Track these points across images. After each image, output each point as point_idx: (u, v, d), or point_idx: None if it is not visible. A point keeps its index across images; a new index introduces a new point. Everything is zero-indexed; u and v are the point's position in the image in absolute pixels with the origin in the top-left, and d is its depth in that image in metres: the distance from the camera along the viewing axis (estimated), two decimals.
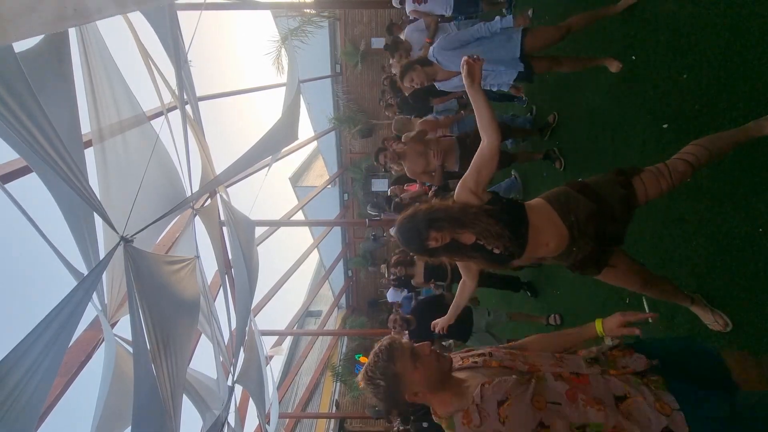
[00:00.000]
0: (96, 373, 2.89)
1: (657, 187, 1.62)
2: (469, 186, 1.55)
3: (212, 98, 6.58)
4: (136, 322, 2.20)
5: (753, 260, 1.76)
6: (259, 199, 4.83)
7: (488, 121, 1.49)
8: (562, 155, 3.59)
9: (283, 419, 9.36)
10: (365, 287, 15.66)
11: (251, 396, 4.94)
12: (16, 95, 1.44)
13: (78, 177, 1.72)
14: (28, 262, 43.55)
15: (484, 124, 1.50)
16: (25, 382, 1.62)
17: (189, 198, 3.03)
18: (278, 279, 9.23)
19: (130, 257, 2.22)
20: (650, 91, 2.46)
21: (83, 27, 2.42)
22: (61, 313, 1.68)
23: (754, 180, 1.78)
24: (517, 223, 1.56)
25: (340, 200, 14.07)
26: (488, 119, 1.49)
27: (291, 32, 9.45)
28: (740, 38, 1.88)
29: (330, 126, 12.39)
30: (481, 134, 1.52)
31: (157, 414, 2.34)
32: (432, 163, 3.60)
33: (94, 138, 2.64)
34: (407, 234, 1.58)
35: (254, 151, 2.93)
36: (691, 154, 1.64)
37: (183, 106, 2.89)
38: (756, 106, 1.77)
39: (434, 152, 3.54)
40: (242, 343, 4.27)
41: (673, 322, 2.17)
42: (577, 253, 1.62)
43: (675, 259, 2.19)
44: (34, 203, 2.29)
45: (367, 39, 10.98)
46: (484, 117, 1.49)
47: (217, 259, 4.19)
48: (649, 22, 2.51)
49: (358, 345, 13.72)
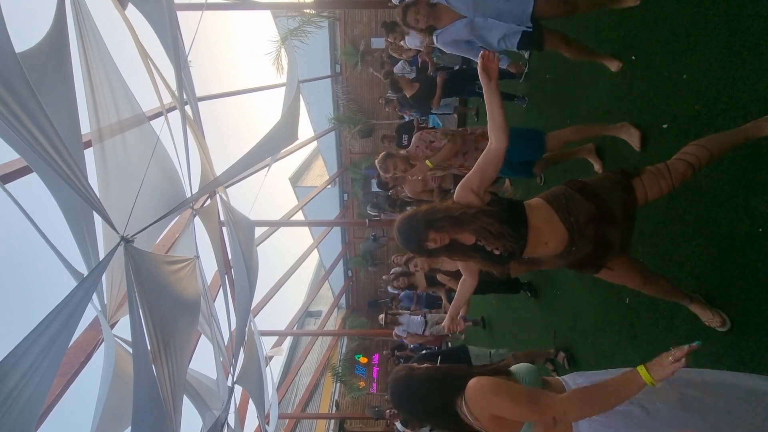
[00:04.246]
0: (96, 373, 2.89)
1: (657, 187, 1.62)
2: (471, 187, 1.54)
3: (212, 98, 6.59)
4: (136, 322, 2.20)
5: (753, 260, 1.76)
6: (259, 200, 4.84)
7: (500, 124, 1.48)
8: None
9: (283, 419, 9.36)
10: (365, 287, 15.66)
11: (251, 396, 4.94)
12: (16, 95, 1.44)
13: (78, 177, 1.72)
14: (28, 262, 43.49)
15: (495, 126, 1.49)
16: (25, 382, 1.62)
17: (189, 198, 3.03)
18: (278, 279, 9.23)
19: (131, 257, 2.22)
20: (650, 91, 2.46)
21: (83, 27, 2.42)
22: (61, 313, 1.68)
23: (754, 180, 1.78)
24: (517, 223, 1.55)
25: (340, 200, 14.07)
26: (500, 122, 1.48)
27: (291, 32, 9.45)
28: (740, 38, 1.88)
29: (330, 126, 12.39)
30: (490, 135, 1.51)
31: (157, 414, 2.34)
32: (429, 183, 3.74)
33: (93, 138, 2.64)
34: (406, 235, 1.57)
35: (254, 152, 2.93)
36: (691, 154, 1.63)
37: (183, 106, 2.89)
38: (756, 106, 1.77)
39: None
40: (242, 343, 4.27)
41: (672, 322, 2.17)
42: (576, 253, 1.62)
43: (675, 259, 2.19)
44: (34, 203, 2.29)
45: (367, 39, 10.99)
46: (497, 119, 1.48)
47: (217, 260, 4.19)
48: (649, 22, 2.51)
49: (358, 345, 13.73)
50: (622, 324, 2.64)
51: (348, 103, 12.08)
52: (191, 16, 4.98)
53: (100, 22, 2.57)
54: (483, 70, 1.46)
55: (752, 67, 1.81)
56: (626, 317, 2.60)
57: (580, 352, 3.28)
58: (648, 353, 2.36)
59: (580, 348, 3.29)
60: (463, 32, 2.67)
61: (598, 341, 2.97)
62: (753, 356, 1.71)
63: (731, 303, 1.84)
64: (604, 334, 2.87)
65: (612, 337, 2.75)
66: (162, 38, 2.68)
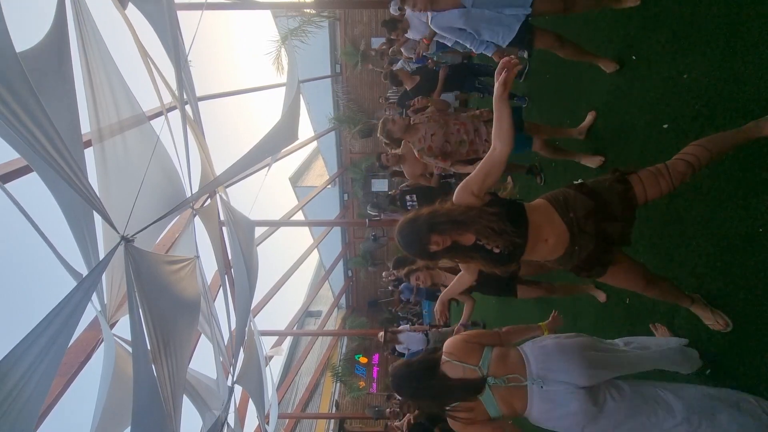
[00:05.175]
0: (96, 373, 2.89)
1: (656, 186, 1.62)
2: (472, 189, 1.55)
3: (212, 98, 6.59)
4: (135, 321, 2.20)
5: (753, 260, 1.76)
6: (259, 199, 4.84)
7: (506, 131, 1.50)
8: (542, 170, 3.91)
9: (283, 419, 9.36)
10: (365, 287, 15.67)
11: (251, 396, 4.94)
12: (17, 95, 1.44)
13: (78, 176, 1.72)
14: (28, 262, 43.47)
15: (500, 132, 1.51)
16: (25, 382, 1.62)
17: (189, 198, 3.03)
18: (278, 279, 9.24)
19: (131, 257, 2.22)
20: (650, 91, 2.46)
21: (83, 27, 2.42)
22: (61, 313, 1.68)
23: (754, 180, 1.78)
24: (518, 221, 1.57)
25: (340, 200, 14.08)
26: (507, 129, 1.50)
27: (291, 32, 9.46)
28: (740, 38, 1.88)
29: (330, 126, 12.40)
30: (495, 140, 1.52)
31: (157, 414, 2.34)
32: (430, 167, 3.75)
33: (93, 138, 2.64)
34: (408, 238, 1.58)
35: (254, 152, 2.93)
36: (691, 154, 1.64)
37: (183, 106, 2.89)
38: (756, 106, 1.77)
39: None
40: (242, 343, 4.27)
41: (673, 323, 2.17)
42: (580, 252, 1.62)
43: (675, 259, 2.19)
44: (34, 203, 2.29)
45: (367, 39, 10.99)
46: (503, 127, 1.50)
47: (217, 259, 4.19)
48: (649, 22, 2.51)
49: (358, 345, 13.73)
50: (622, 324, 2.64)
51: (348, 103, 12.09)
52: (191, 16, 4.98)
53: (100, 21, 2.57)
54: (503, 81, 1.45)
55: (752, 66, 1.81)
56: (626, 317, 2.60)
57: None
58: None
59: None
60: (458, 21, 2.65)
61: None
62: (754, 356, 1.71)
63: (732, 303, 1.84)
64: (604, 334, 2.86)
65: (612, 337, 2.74)
66: (162, 38, 2.68)
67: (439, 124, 3.21)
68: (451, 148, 3.19)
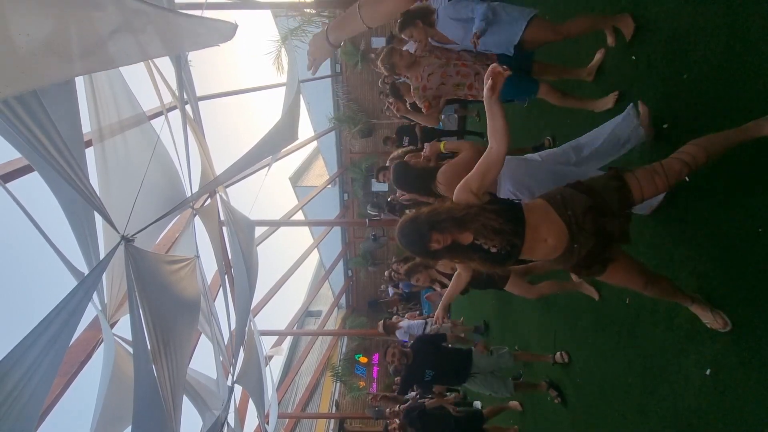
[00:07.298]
0: (96, 373, 2.89)
1: (652, 184, 1.63)
2: (471, 188, 1.56)
3: (212, 98, 6.59)
4: (136, 321, 2.20)
5: (753, 260, 1.76)
6: (259, 199, 4.84)
7: (501, 130, 1.50)
8: None
9: (283, 419, 9.36)
10: (365, 287, 15.67)
11: (251, 396, 4.94)
12: (18, 94, 1.44)
13: (79, 176, 1.72)
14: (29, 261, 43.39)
15: (495, 132, 1.50)
16: (25, 382, 1.62)
17: (189, 198, 3.03)
18: (278, 279, 9.24)
19: (131, 256, 2.22)
20: (650, 91, 2.46)
21: None
22: (62, 312, 1.68)
23: (754, 180, 1.79)
24: (515, 221, 1.58)
25: (340, 200, 14.08)
26: (502, 128, 1.50)
27: (291, 32, 9.45)
28: (740, 38, 1.88)
29: (330, 126, 12.39)
30: (491, 140, 1.53)
31: (157, 414, 2.34)
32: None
33: (94, 138, 2.64)
34: (410, 237, 1.59)
35: (254, 152, 2.93)
36: (687, 153, 1.65)
37: (183, 106, 2.90)
38: (756, 106, 1.77)
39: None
40: (242, 343, 4.27)
41: (672, 322, 2.17)
42: (580, 250, 1.63)
43: (675, 259, 2.19)
44: (35, 202, 2.29)
45: (367, 39, 10.99)
46: (498, 126, 1.49)
47: (217, 259, 4.19)
48: (649, 22, 2.51)
49: (358, 345, 13.73)
50: (622, 324, 2.64)
51: (348, 103, 12.09)
52: None
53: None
54: (491, 86, 1.44)
55: (752, 66, 1.81)
56: (626, 317, 2.60)
57: (580, 352, 3.29)
58: (648, 353, 2.36)
59: (580, 348, 3.30)
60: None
61: (598, 341, 2.97)
62: (754, 355, 1.72)
63: (732, 302, 1.84)
64: (604, 334, 2.87)
65: (612, 337, 2.75)
66: None
67: (440, 63, 2.99)
68: (447, 89, 3.04)
